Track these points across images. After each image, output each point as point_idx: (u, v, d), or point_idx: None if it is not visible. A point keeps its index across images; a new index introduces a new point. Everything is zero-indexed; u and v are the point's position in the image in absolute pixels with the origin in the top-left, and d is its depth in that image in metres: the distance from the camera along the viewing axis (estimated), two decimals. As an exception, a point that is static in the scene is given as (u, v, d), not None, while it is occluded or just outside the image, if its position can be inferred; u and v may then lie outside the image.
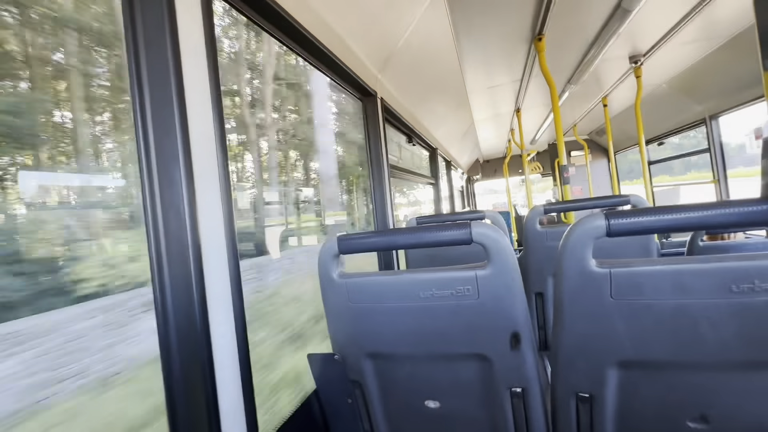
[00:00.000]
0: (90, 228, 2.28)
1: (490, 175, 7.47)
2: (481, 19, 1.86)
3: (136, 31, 0.63)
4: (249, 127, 4.70)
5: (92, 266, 2.22)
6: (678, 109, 3.57)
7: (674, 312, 0.60)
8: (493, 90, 3.12)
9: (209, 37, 0.71)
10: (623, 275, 0.62)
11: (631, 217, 0.60)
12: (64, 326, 2.08)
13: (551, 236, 1.51)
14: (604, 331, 0.65)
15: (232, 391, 0.70)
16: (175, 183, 0.63)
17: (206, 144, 0.68)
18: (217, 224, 0.69)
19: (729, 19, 2.13)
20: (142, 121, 0.63)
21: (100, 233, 2.31)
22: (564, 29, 2.08)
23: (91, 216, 2.28)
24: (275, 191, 4.99)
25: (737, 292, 0.57)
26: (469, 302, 0.73)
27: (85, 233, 2.25)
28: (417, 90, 2.37)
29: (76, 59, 2.42)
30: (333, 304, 0.85)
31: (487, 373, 0.78)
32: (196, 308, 0.63)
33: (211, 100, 0.70)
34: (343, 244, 0.80)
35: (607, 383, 0.69)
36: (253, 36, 4.58)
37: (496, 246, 0.71)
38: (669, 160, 4.52)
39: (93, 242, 2.26)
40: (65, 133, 2.39)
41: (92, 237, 2.27)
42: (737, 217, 0.57)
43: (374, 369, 0.87)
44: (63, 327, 2.07)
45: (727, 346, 0.60)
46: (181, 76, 0.64)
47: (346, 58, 1.43)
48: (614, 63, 2.82)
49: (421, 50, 1.94)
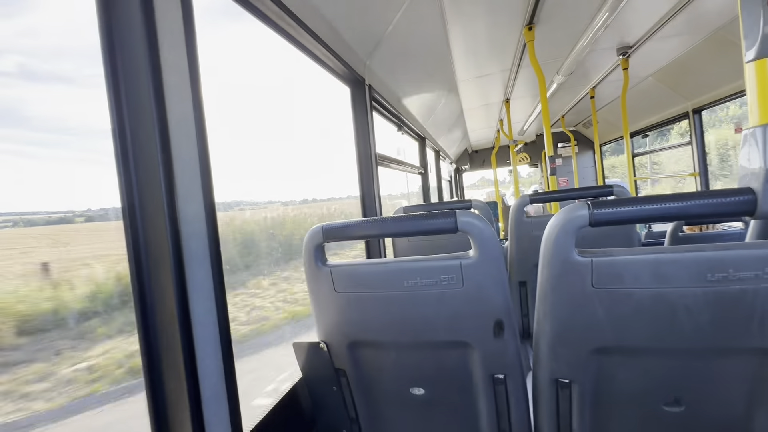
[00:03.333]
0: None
1: (479, 166, 7.51)
2: (472, 6, 1.84)
3: (110, 13, 0.59)
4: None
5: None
6: (663, 103, 3.63)
7: (653, 300, 0.62)
8: (482, 79, 3.11)
9: (188, 19, 0.68)
10: (604, 264, 0.63)
11: (613, 207, 0.61)
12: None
13: (536, 226, 1.52)
14: (585, 319, 0.66)
15: (215, 382, 0.69)
16: (152, 170, 0.61)
17: (186, 133, 0.66)
18: (197, 214, 0.67)
19: (715, 10, 2.16)
20: (117, 108, 0.60)
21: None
22: (554, 19, 2.07)
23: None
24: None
25: (713, 280, 0.58)
26: (453, 291, 0.73)
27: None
28: (406, 78, 2.34)
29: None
30: (318, 293, 0.84)
31: (471, 361, 0.79)
32: (174, 297, 0.62)
33: (191, 86, 0.67)
34: (328, 232, 0.80)
35: (586, 369, 0.71)
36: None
37: (481, 235, 0.71)
38: (652, 153, 4.61)
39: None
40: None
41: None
42: (714, 208, 0.58)
43: (359, 357, 0.88)
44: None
45: (701, 333, 0.62)
46: (158, 59, 0.61)
47: (333, 43, 1.40)
48: (602, 54, 2.84)
49: (411, 37, 1.91)
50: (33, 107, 2.58)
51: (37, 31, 2.86)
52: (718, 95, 2.93)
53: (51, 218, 2.09)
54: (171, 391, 0.63)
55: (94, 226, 2.24)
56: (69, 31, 2.83)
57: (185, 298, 0.63)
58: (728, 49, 2.48)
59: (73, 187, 2.35)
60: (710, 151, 3.91)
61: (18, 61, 2.55)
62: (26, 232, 2.06)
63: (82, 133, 2.77)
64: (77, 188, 2.37)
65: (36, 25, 3.10)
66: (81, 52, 2.83)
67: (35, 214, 2.06)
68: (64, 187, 2.28)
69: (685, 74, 3.08)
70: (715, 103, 3.04)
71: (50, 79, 2.84)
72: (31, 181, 2.18)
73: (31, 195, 2.08)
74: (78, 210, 2.21)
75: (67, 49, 3.37)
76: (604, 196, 1.50)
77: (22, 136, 2.39)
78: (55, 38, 3.21)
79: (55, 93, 2.95)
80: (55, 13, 3.54)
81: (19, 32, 2.61)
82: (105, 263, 2.25)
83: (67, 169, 2.70)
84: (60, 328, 1.97)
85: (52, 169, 2.57)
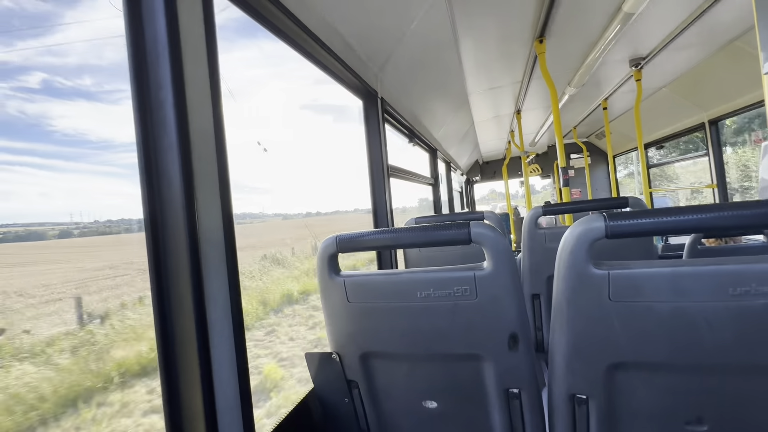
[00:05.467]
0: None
1: (490, 177, 7.48)
2: (483, 20, 1.86)
3: (137, 26, 0.62)
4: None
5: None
6: (677, 114, 3.58)
7: (672, 314, 0.60)
8: (493, 91, 3.13)
9: (210, 33, 0.71)
10: (622, 277, 0.62)
11: (630, 219, 0.60)
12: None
13: (550, 237, 1.51)
14: (602, 333, 0.65)
15: (229, 390, 0.69)
16: (173, 179, 0.63)
17: (205, 142, 0.68)
18: (215, 224, 0.69)
19: (728, 22, 2.14)
20: (141, 117, 0.62)
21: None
22: (565, 31, 2.08)
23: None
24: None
25: (734, 295, 0.57)
26: (467, 302, 0.73)
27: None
28: (417, 90, 2.37)
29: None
30: (331, 303, 0.84)
31: (485, 374, 0.78)
32: (192, 306, 0.63)
33: (211, 98, 0.70)
34: (342, 243, 0.80)
35: (604, 385, 0.69)
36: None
37: (495, 246, 0.71)
38: (668, 164, 4.53)
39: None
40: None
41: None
42: (734, 220, 0.57)
43: (371, 368, 0.87)
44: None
45: (724, 350, 0.60)
46: (182, 71, 0.64)
47: (346, 57, 1.43)
48: (614, 66, 2.82)
49: (422, 50, 1.94)
50: (56, 122, 2.68)
51: (63, 50, 2.99)
52: (736, 106, 2.88)
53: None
54: (186, 400, 0.64)
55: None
56: (91, 48, 2.96)
57: (203, 306, 0.64)
58: (744, 59, 2.45)
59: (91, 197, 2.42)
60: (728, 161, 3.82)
61: (42, 77, 2.65)
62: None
63: (102, 148, 2.86)
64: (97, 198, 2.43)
65: (61, 44, 3.24)
66: (101, 69, 2.95)
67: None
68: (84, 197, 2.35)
69: (701, 85, 3.04)
70: (732, 113, 2.98)
71: (72, 94, 2.95)
72: (55, 192, 2.25)
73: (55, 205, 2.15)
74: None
75: (89, 67, 3.51)
76: (619, 207, 1.48)
77: (45, 150, 2.48)
78: (77, 56, 3.36)
79: (78, 108, 3.06)
80: (80, 33, 3.71)
81: (45, 50, 2.74)
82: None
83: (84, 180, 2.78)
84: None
85: (71, 180, 2.65)
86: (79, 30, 15.14)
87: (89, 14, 17.52)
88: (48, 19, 17.21)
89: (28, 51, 10.71)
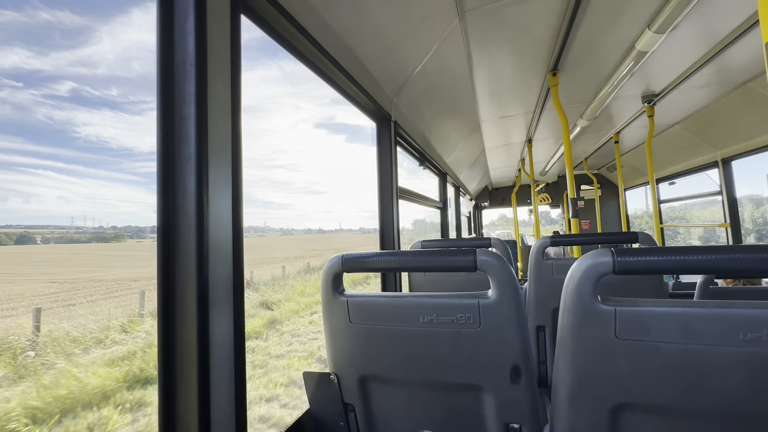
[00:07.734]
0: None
1: (499, 203, 7.46)
2: (497, 51, 1.92)
3: (169, 43, 0.66)
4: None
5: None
6: (690, 151, 3.57)
7: (681, 356, 0.59)
8: (505, 120, 3.17)
9: (235, 54, 0.74)
10: (629, 314, 0.61)
11: (639, 256, 0.60)
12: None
13: (557, 269, 1.49)
14: (608, 371, 0.63)
15: (225, 401, 0.69)
16: (189, 190, 0.64)
17: (223, 156, 0.70)
18: (225, 234, 0.70)
19: (742, 65, 2.16)
20: (164, 129, 0.65)
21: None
22: (578, 66, 2.12)
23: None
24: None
25: (746, 340, 0.55)
26: (470, 330, 0.72)
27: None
28: (430, 115, 2.41)
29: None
30: (333, 322, 0.84)
31: (485, 406, 0.76)
32: (196, 315, 0.63)
33: (231, 114, 0.73)
34: (348, 263, 0.81)
35: (609, 426, 0.66)
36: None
37: (501, 275, 0.70)
38: (679, 201, 4.48)
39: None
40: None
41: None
42: (747, 264, 0.56)
43: (369, 392, 0.86)
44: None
45: (735, 397, 0.57)
46: (206, 88, 0.67)
47: (363, 81, 1.48)
48: (627, 101, 2.85)
49: (437, 77, 1.99)
50: (80, 129, 2.78)
51: (94, 61, 3.14)
52: (750, 146, 2.87)
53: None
54: (182, 412, 0.64)
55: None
56: (120, 60, 3.09)
57: (206, 317, 0.65)
58: (759, 100, 2.45)
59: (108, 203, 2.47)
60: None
61: (71, 86, 2.77)
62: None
63: (121, 156, 2.95)
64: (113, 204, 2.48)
65: (92, 56, 3.40)
66: (128, 81, 3.08)
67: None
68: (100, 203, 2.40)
69: (714, 124, 3.04)
70: (746, 153, 2.97)
71: (98, 103, 3.07)
72: (73, 196, 2.31)
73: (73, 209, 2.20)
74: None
75: (116, 78, 3.66)
76: (628, 242, 1.46)
77: (67, 155, 2.56)
78: (106, 67, 3.51)
79: (102, 116, 3.18)
80: (109, 46, 3.89)
81: (76, 61, 2.87)
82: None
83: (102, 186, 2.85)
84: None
85: (90, 185, 2.72)
86: (110, 43, 15.78)
87: (121, 29, 18.27)
88: (82, 32, 17.87)
89: (61, 61, 11.13)
